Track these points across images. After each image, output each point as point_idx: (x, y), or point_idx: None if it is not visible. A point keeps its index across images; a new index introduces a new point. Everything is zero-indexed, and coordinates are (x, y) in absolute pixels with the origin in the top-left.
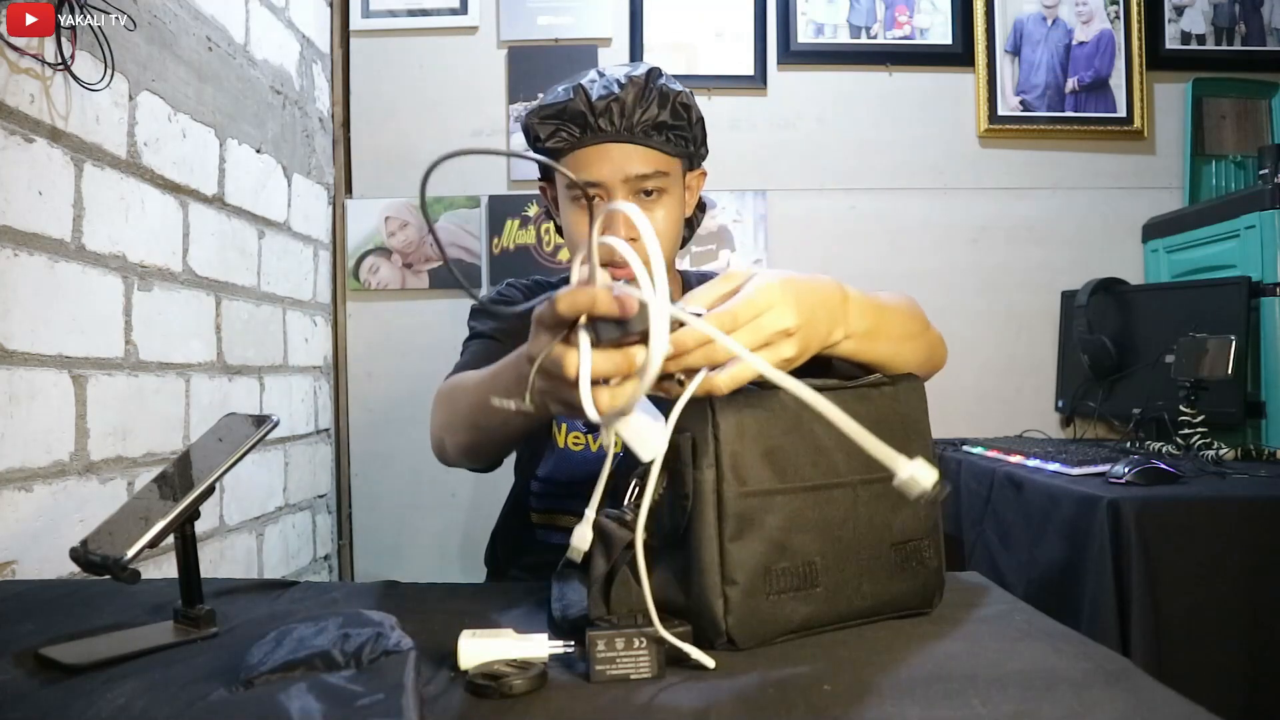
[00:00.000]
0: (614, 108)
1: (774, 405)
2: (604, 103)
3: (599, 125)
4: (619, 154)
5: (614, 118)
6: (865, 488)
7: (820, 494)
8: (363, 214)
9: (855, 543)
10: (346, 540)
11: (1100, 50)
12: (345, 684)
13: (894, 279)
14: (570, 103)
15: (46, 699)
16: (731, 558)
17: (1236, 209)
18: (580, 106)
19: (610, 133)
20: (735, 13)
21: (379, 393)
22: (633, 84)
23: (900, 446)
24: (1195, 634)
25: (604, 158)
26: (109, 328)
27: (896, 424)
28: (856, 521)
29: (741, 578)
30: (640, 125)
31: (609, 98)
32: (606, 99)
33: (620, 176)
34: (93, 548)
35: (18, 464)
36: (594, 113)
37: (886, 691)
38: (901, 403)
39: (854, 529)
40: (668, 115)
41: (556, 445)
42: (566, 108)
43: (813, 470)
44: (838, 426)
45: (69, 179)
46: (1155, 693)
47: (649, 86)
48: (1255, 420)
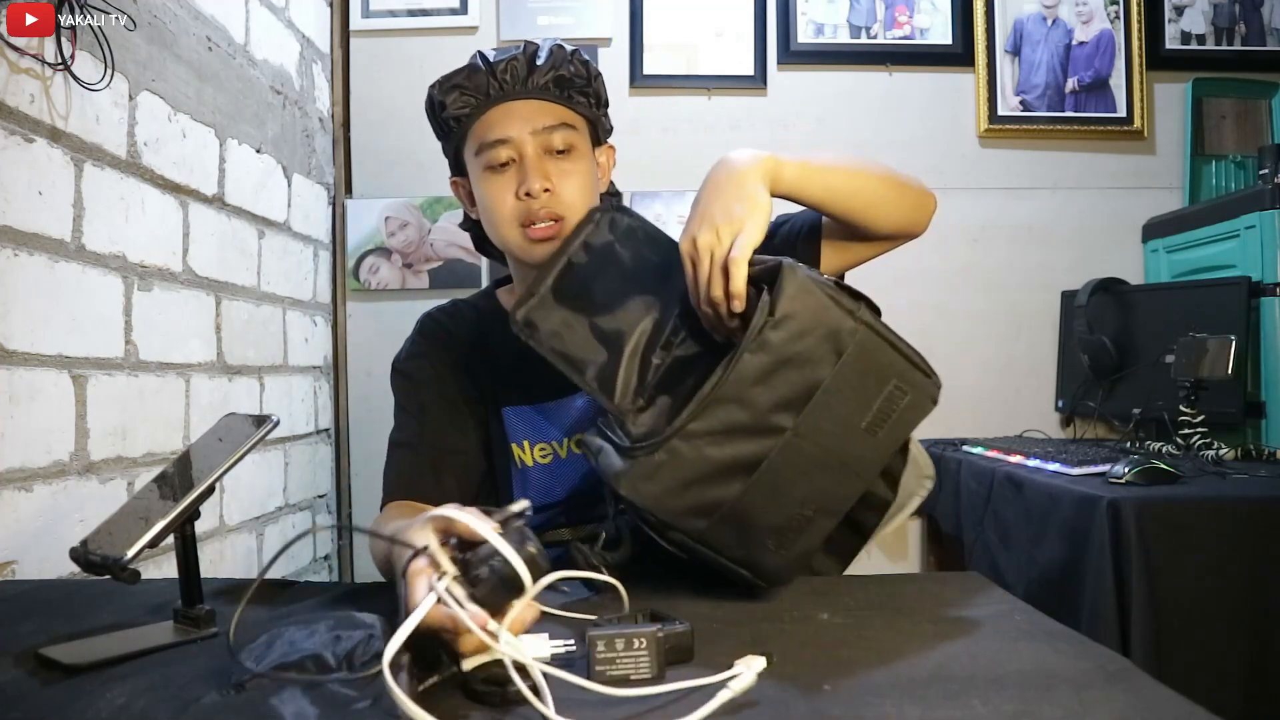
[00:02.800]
0: (513, 66)
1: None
2: (503, 63)
3: (500, 84)
4: (524, 109)
5: (514, 74)
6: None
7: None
8: (363, 214)
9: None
10: (346, 540)
11: (1100, 50)
12: (338, 687)
13: (894, 279)
14: (471, 69)
15: (46, 699)
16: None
17: (1236, 209)
18: (481, 69)
19: (512, 89)
20: (735, 13)
21: (379, 393)
22: (528, 47)
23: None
24: (1195, 634)
25: (510, 114)
26: (109, 328)
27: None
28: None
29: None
30: (541, 80)
31: (507, 58)
32: (505, 60)
33: (529, 129)
34: (93, 548)
35: (18, 464)
36: (495, 73)
37: (886, 691)
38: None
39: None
40: (566, 71)
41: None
42: (468, 74)
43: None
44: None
45: (69, 179)
46: (1155, 693)
47: (544, 50)
48: (1255, 420)
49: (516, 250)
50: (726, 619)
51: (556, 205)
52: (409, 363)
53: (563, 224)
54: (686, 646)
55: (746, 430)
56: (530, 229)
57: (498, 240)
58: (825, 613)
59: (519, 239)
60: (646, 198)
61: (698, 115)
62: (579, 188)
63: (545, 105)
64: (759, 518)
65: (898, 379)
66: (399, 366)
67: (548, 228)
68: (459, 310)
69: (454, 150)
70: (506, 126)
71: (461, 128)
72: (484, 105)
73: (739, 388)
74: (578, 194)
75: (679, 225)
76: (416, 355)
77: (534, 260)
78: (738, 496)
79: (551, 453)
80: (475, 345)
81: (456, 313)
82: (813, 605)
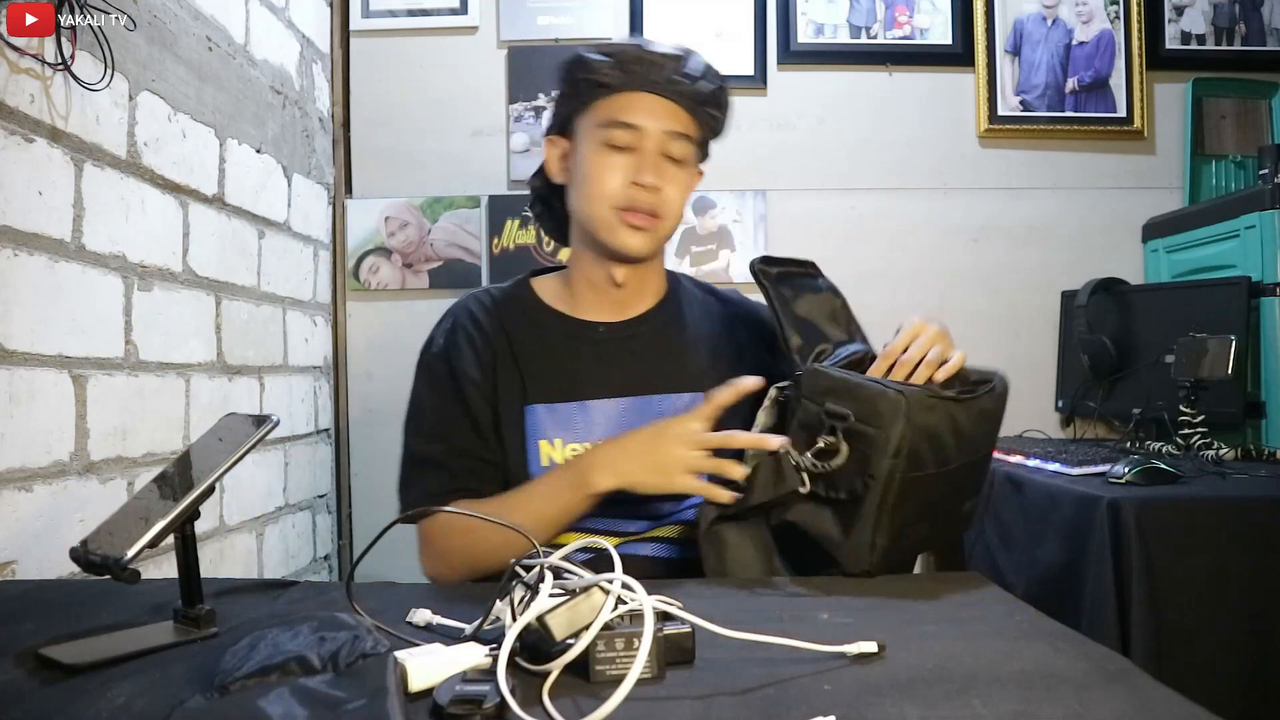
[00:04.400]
0: (671, 64)
1: (941, 412)
2: (660, 56)
3: (651, 75)
4: (661, 106)
5: (669, 73)
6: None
7: (941, 475)
8: (363, 214)
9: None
10: (346, 540)
11: (1100, 50)
12: (326, 688)
13: (894, 279)
14: (630, 47)
15: (46, 699)
16: (885, 521)
17: (1236, 209)
18: (640, 52)
19: (661, 85)
20: (735, 12)
21: (379, 393)
22: (688, 53)
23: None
24: (1195, 634)
25: (647, 105)
26: (109, 328)
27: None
28: (945, 496)
29: (886, 538)
30: (686, 88)
31: (665, 53)
32: (663, 55)
33: (660, 126)
34: (93, 548)
35: (18, 464)
36: (651, 62)
37: (886, 691)
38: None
39: (943, 501)
40: (709, 90)
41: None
42: (626, 50)
43: (940, 459)
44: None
45: (69, 179)
46: (1155, 693)
47: (698, 61)
48: (1255, 420)
49: (604, 229)
50: (727, 619)
51: (659, 204)
52: (439, 359)
53: (657, 223)
54: (687, 647)
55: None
56: (628, 214)
57: (585, 210)
58: (825, 613)
59: (610, 217)
60: None
61: None
62: (679, 197)
63: (679, 111)
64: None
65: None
66: (429, 360)
67: (644, 219)
68: (494, 300)
69: (567, 113)
70: (641, 115)
71: (593, 95)
72: (627, 85)
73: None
74: (678, 202)
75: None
76: (447, 351)
77: (613, 243)
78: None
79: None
80: (508, 339)
81: (492, 303)
82: (813, 605)
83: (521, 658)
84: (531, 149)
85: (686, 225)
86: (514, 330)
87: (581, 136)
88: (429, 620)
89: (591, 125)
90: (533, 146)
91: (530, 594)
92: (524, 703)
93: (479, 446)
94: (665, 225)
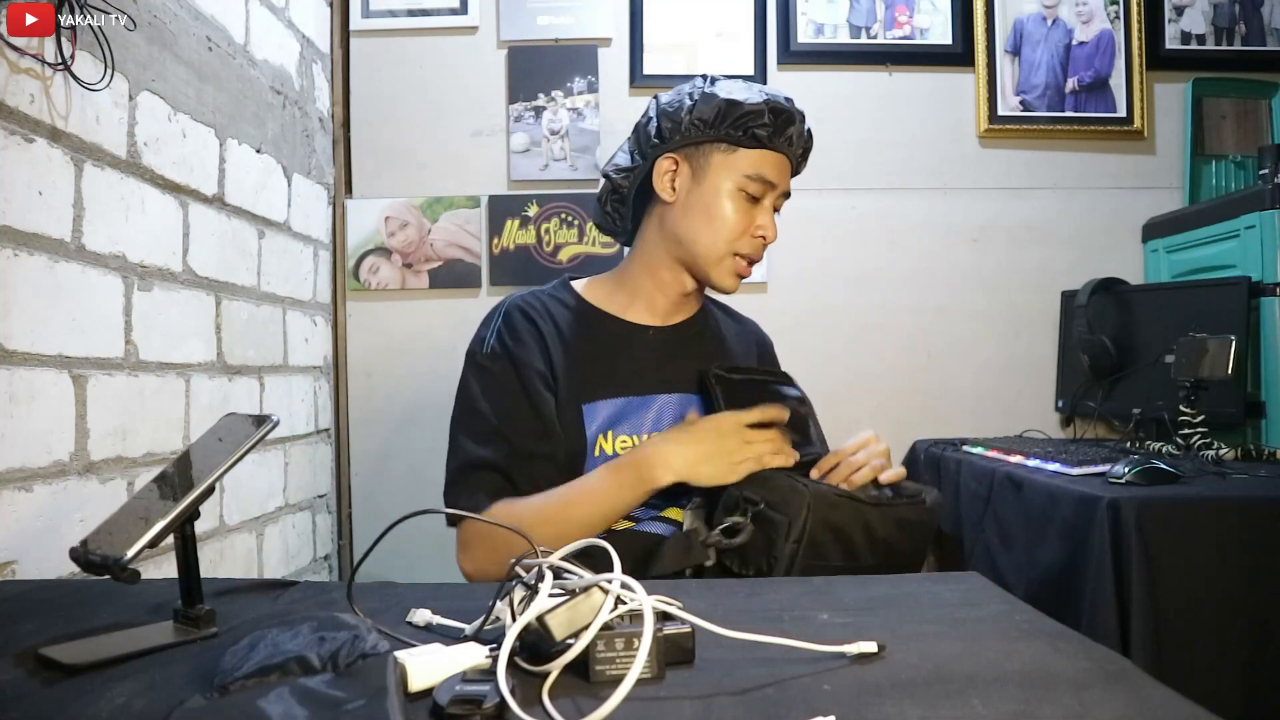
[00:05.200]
0: (800, 126)
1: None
2: (798, 118)
3: (791, 138)
4: (787, 166)
5: (799, 139)
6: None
7: (848, 569)
8: (363, 214)
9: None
10: (346, 540)
11: (1100, 50)
12: (326, 689)
13: (894, 279)
14: (786, 108)
15: (46, 699)
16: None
17: (1236, 209)
18: (793, 117)
19: (795, 153)
20: (735, 12)
21: (379, 393)
22: (804, 123)
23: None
24: (1195, 634)
25: (782, 166)
26: (109, 328)
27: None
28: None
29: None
30: (802, 150)
31: (799, 114)
32: (797, 114)
33: (783, 188)
34: (93, 548)
35: (18, 464)
36: (797, 134)
37: (886, 691)
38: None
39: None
40: (805, 154)
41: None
42: (784, 111)
43: (847, 554)
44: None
45: (69, 179)
46: (1155, 693)
47: (808, 130)
48: (1255, 420)
49: (715, 268)
50: (727, 619)
51: (762, 254)
52: (495, 356)
53: (753, 267)
54: (687, 647)
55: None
56: (741, 262)
57: (700, 242)
58: (825, 613)
59: (727, 259)
60: None
61: None
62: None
63: (791, 169)
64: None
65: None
66: (483, 360)
67: (750, 268)
68: (542, 302)
69: (702, 141)
70: (779, 175)
71: (738, 139)
72: (774, 147)
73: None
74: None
75: None
76: (500, 350)
77: (718, 281)
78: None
79: (632, 445)
80: (561, 337)
81: (540, 305)
82: (812, 605)
83: (521, 658)
84: (531, 149)
85: None
86: (567, 330)
87: (715, 173)
88: (429, 620)
89: (733, 171)
90: (532, 146)
91: (530, 594)
92: (524, 703)
93: (539, 442)
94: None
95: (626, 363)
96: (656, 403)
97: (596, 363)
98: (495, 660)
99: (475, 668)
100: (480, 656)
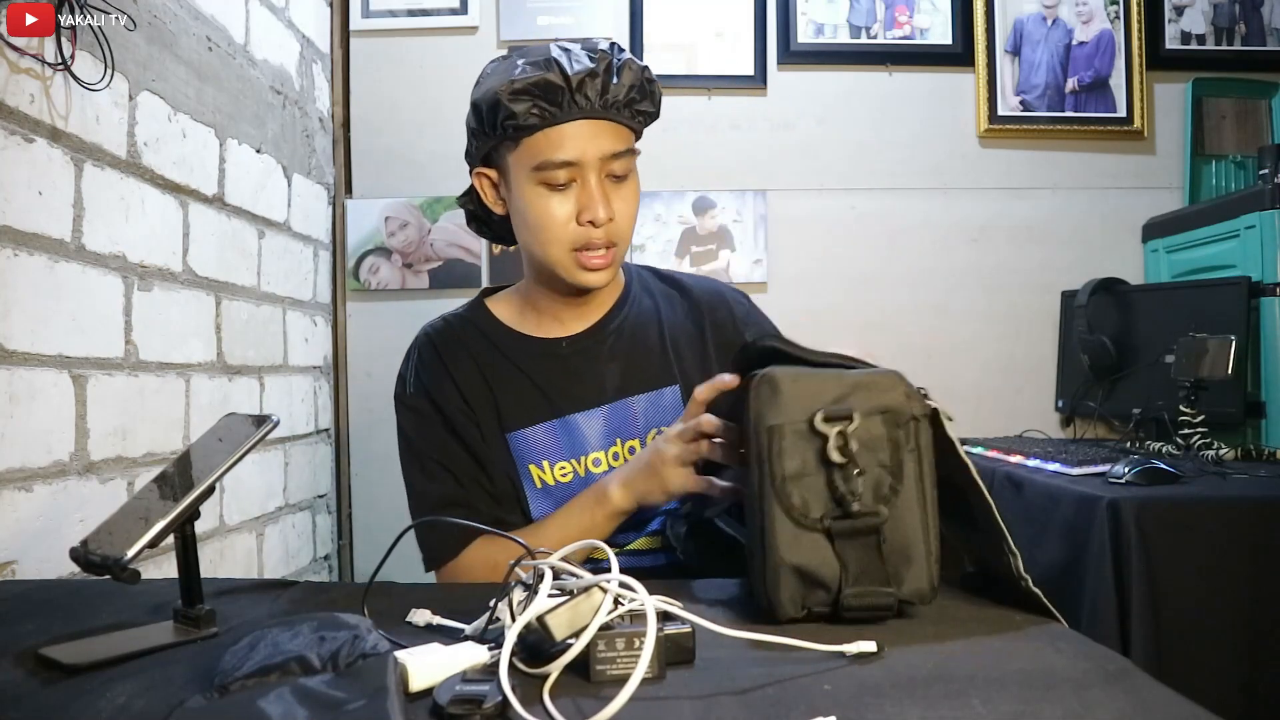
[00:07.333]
0: (590, 82)
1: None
2: (580, 77)
3: (576, 101)
4: (594, 130)
5: (590, 93)
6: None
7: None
8: (363, 214)
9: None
10: (346, 540)
11: (1100, 50)
12: (326, 689)
13: (894, 279)
14: (546, 77)
15: (46, 699)
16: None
17: (1236, 209)
18: (558, 81)
19: (587, 108)
20: (735, 12)
21: (379, 393)
22: (603, 58)
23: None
24: (1195, 634)
25: (579, 135)
26: (109, 328)
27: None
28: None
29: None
30: (615, 99)
31: (585, 72)
32: (583, 74)
33: (597, 154)
34: (93, 548)
35: (18, 464)
36: (571, 87)
37: (886, 691)
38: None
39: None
40: (636, 93)
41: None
42: (543, 83)
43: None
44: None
45: (69, 179)
46: (1155, 693)
47: (620, 65)
48: (1255, 420)
49: (563, 272)
50: (727, 619)
51: (614, 233)
52: (418, 395)
53: (614, 252)
54: (688, 647)
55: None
56: (585, 255)
57: (540, 256)
58: None
59: (569, 262)
60: (647, 197)
61: (697, 115)
62: (632, 214)
63: (615, 128)
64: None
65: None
66: (408, 400)
67: (603, 256)
68: (454, 331)
69: (490, 148)
70: (574, 148)
71: (519, 134)
72: (554, 120)
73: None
74: (631, 220)
75: (680, 224)
76: (423, 386)
77: (574, 282)
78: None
79: (572, 471)
80: (478, 367)
81: (452, 335)
82: None
83: (521, 658)
84: None
85: (686, 225)
86: (481, 358)
87: (514, 176)
88: (429, 620)
89: (524, 167)
90: None
91: (530, 594)
92: (524, 703)
93: (480, 475)
94: (622, 249)
95: (544, 384)
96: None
97: (513, 388)
98: (495, 660)
99: (475, 667)
100: (480, 657)
